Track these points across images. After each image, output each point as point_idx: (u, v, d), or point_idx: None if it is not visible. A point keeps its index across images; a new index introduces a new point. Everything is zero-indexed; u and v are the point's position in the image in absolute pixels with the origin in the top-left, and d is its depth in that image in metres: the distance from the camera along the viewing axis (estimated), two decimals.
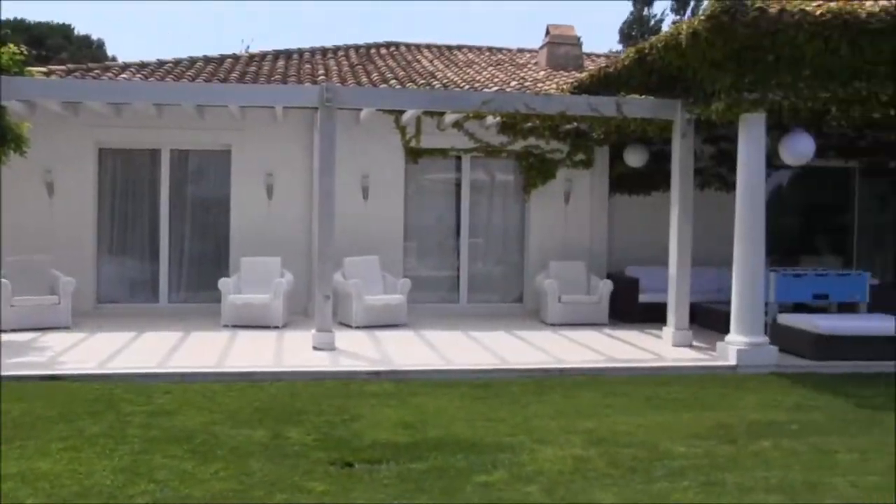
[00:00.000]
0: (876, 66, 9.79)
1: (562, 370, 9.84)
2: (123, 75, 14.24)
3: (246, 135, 14.04)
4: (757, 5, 9.23)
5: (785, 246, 15.00)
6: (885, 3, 9.48)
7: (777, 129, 10.51)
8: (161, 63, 15.36)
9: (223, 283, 12.68)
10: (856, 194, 16.05)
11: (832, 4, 9.42)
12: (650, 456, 6.57)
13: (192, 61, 15.80)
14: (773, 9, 9.26)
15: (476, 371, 9.67)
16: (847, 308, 12.07)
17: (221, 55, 16.48)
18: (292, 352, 10.62)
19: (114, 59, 31.89)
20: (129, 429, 7.02)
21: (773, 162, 10.88)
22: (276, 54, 17.05)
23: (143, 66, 15.08)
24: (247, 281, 12.97)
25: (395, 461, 6.30)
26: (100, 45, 35.70)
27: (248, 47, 33.51)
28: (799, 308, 11.97)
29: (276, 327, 12.37)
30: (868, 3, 9.51)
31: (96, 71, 14.56)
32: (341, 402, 8.13)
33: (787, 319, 11.04)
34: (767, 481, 6.01)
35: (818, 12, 9.33)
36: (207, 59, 16.08)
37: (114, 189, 14.13)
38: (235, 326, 12.32)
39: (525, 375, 9.59)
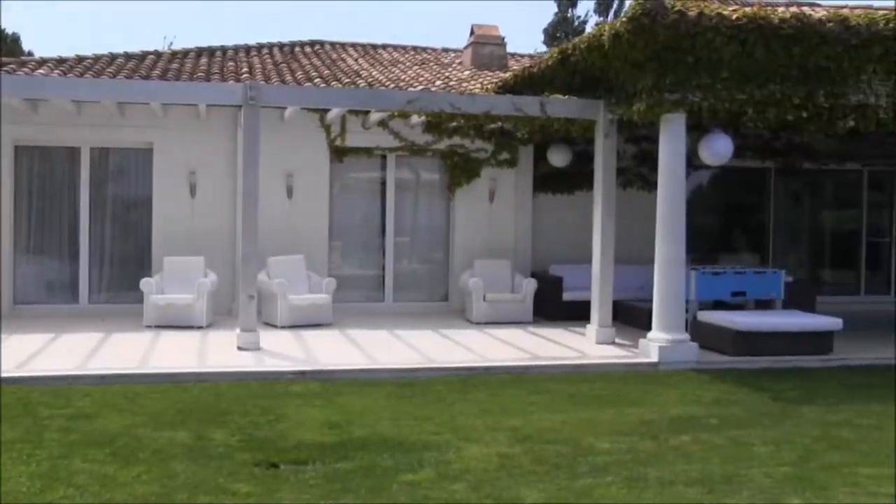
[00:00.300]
0: (789, 70, 10.12)
1: (487, 368, 9.92)
2: (41, 70, 13.87)
3: (168, 133, 13.81)
4: (676, 8, 9.45)
5: (705, 244, 15.30)
6: (796, 10, 9.80)
7: (696, 130, 10.73)
8: (80, 59, 14.99)
9: (145, 283, 12.47)
10: (771, 194, 16.49)
11: (748, 9, 9.70)
12: (574, 452, 6.66)
13: (113, 57, 15.48)
14: (692, 12, 9.50)
15: (401, 370, 9.69)
16: (763, 305, 12.39)
17: (143, 52, 16.15)
18: (216, 352, 10.50)
19: (30, 54, 30.96)
20: (46, 433, 6.88)
21: (693, 162, 11.11)
22: (199, 51, 16.77)
23: (61, 61, 14.70)
24: (170, 281, 12.78)
25: (320, 461, 6.29)
26: (15, 38, 34.67)
27: (170, 44, 32.97)
28: (718, 305, 12.23)
29: (200, 327, 12.22)
30: (780, 10, 9.83)
31: (11, 66, 14.15)
32: (266, 402, 8.07)
33: (707, 317, 11.29)
34: (688, 475, 6.16)
35: (735, 16, 9.61)
36: (128, 56, 15.75)
37: (31, 187, 13.78)
38: (158, 327, 12.13)
39: (450, 374, 9.64)
